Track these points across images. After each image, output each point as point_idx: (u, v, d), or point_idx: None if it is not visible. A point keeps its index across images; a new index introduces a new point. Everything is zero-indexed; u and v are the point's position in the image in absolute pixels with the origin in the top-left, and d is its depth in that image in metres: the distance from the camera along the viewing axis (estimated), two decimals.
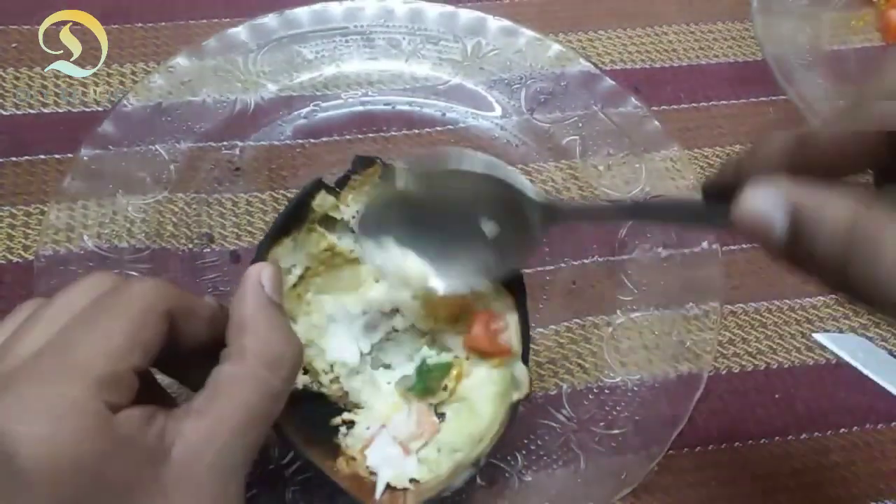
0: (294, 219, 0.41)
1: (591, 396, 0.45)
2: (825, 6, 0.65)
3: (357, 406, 0.41)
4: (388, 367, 0.42)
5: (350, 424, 0.40)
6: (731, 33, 0.64)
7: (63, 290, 0.31)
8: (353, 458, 0.39)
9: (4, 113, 0.54)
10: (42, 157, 0.52)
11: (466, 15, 0.59)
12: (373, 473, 0.39)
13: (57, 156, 0.52)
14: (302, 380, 0.40)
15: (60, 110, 0.54)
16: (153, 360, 0.29)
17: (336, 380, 0.41)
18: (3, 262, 0.48)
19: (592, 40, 0.63)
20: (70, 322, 0.28)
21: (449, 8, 0.59)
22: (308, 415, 0.39)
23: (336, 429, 0.40)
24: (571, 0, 0.65)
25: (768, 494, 0.44)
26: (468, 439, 0.39)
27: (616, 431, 0.44)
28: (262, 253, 0.39)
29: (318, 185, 0.41)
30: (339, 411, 0.41)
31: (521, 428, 0.44)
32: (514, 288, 0.41)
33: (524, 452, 0.43)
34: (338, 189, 0.42)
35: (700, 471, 0.44)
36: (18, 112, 0.54)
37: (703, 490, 0.44)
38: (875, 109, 0.26)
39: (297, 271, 0.41)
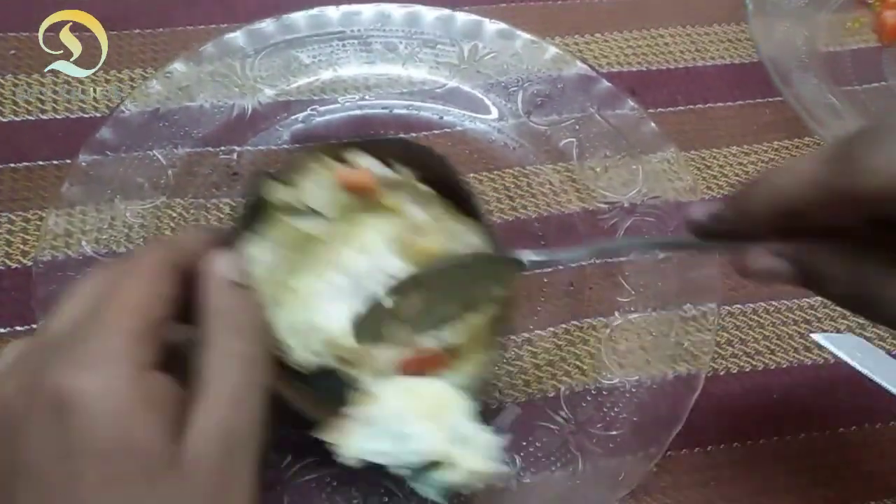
0: (252, 217, 0.40)
1: (589, 398, 0.45)
2: (821, 8, 0.65)
3: (359, 368, 0.41)
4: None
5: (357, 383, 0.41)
6: (728, 35, 0.64)
7: (93, 271, 0.34)
8: None
9: (3, 119, 0.54)
10: (40, 163, 0.52)
11: (463, 18, 0.59)
12: None
13: (55, 162, 0.52)
14: (311, 360, 0.40)
15: (59, 116, 0.54)
16: (174, 311, 0.32)
17: (341, 348, 0.41)
18: (1, 267, 0.48)
19: (589, 43, 0.63)
20: (98, 295, 0.31)
21: (445, 11, 0.59)
22: (328, 391, 0.39)
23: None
24: (568, 3, 0.65)
25: (767, 494, 0.44)
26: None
27: (614, 433, 0.44)
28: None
29: (266, 178, 0.41)
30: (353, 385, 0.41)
31: (519, 430, 0.44)
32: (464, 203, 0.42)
33: (522, 454, 0.43)
34: (287, 175, 0.41)
35: (698, 471, 0.44)
36: (17, 119, 0.54)
37: (702, 490, 0.44)
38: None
39: (271, 261, 0.41)
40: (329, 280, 0.43)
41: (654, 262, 0.50)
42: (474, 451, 0.35)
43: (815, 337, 0.49)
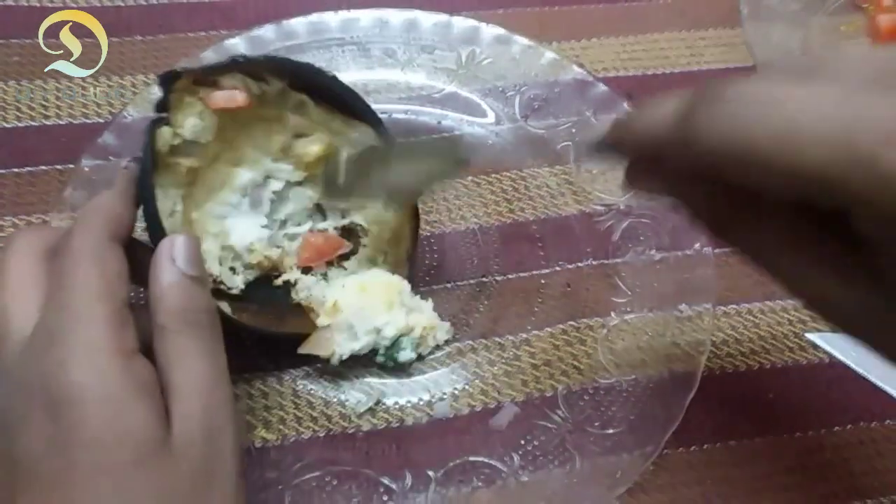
0: (151, 170, 0.40)
1: (586, 397, 0.46)
2: (815, 12, 0.66)
3: (281, 266, 0.46)
4: (293, 223, 0.48)
5: (293, 283, 0.46)
6: (723, 40, 0.65)
7: (8, 252, 0.34)
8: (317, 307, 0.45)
9: (6, 125, 0.55)
10: (44, 167, 0.53)
11: (461, 24, 0.59)
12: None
13: (58, 167, 0.53)
14: (237, 279, 0.45)
15: (62, 122, 0.55)
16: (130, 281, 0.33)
17: (261, 256, 0.45)
18: None
19: (585, 48, 0.63)
20: (47, 285, 0.32)
21: (443, 17, 0.60)
22: (265, 300, 0.45)
23: (287, 293, 0.46)
24: (565, 9, 0.66)
25: (763, 493, 0.44)
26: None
27: (611, 431, 0.44)
28: (156, 220, 0.39)
29: (154, 126, 0.41)
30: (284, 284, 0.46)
31: (517, 429, 0.44)
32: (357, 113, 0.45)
33: (520, 453, 0.43)
34: (165, 115, 0.42)
35: (695, 469, 0.45)
36: (20, 124, 0.55)
37: (698, 489, 0.44)
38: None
39: (179, 206, 0.42)
40: (224, 201, 0.45)
41: (651, 263, 0.50)
42: (423, 314, 0.46)
43: (810, 336, 0.49)
